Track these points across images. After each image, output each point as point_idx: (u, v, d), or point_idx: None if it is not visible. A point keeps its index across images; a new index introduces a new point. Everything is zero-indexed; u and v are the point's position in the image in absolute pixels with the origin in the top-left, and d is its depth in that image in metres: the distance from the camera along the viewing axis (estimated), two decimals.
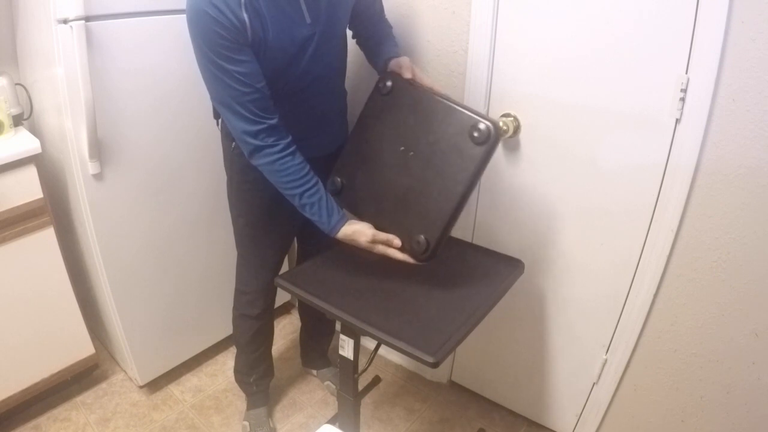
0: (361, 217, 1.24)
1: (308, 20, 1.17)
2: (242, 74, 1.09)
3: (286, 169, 1.16)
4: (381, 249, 1.19)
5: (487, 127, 1.09)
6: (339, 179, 1.29)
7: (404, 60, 1.26)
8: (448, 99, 1.18)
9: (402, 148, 1.20)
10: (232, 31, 1.05)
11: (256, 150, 1.16)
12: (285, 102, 1.21)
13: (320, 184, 1.20)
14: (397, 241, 1.18)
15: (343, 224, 1.20)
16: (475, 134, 1.10)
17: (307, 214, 1.20)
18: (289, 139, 1.17)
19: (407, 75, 1.23)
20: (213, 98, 1.18)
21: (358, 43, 1.41)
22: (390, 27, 1.39)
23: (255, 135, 1.14)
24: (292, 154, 1.17)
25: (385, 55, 1.31)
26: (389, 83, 1.24)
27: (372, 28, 1.37)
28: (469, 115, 1.12)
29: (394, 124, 1.22)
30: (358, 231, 1.19)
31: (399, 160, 1.20)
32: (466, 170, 1.11)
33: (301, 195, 1.17)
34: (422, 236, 1.14)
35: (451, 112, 1.15)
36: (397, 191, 1.19)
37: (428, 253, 1.14)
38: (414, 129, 1.19)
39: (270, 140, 1.14)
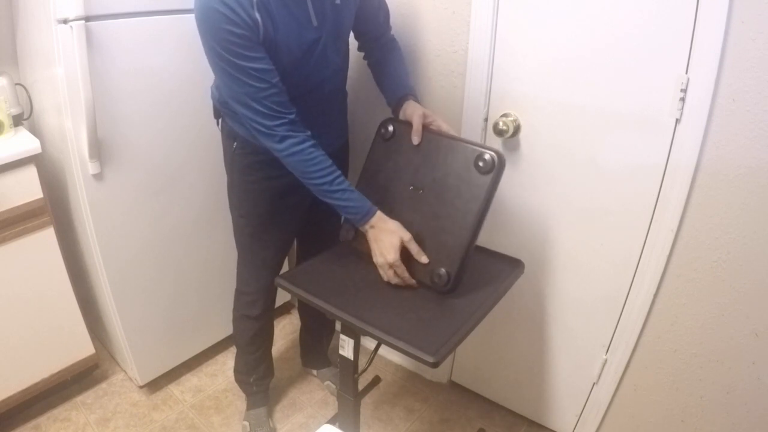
0: None
1: (315, 23, 1.17)
2: (257, 70, 1.09)
3: (314, 158, 1.16)
4: (398, 265, 1.18)
5: (492, 156, 1.12)
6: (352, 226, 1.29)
7: (417, 110, 1.24)
8: (450, 136, 1.20)
9: (411, 187, 1.23)
10: (245, 29, 1.05)
11: (283, 140, 1.15)
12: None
13: None
14: (424, 258, 1.18)
15: (376, 210, 1.20)
16: (480, 164, 1.13)
17: (339, 201, 1.19)
18: (309, 132, 1.18)
19: (420, 122, 1.21)
20: (229, 97, 1.17)
21: (366, 61, 1.41)
22: (399, 49, 1.39)
23: (275, 129, 1.14)
24: (315, 146, 1.17)
25: (399, 91, 1.31)
26: (390, 128, 1.27)
27: (379, 47, 1.37)
28: (473, 148, 1.16)
29: (400, 166, 1.25)
30: (398, 231, 1.17)
31: (409, 200, 1.22)
32: (476, 200, 1.14)
33: (332, 182, 1.17)
34: (443, 269, 1.15)
35: (454, 147, 1.18)
36: (411, 229, 1.20)
37: (450, 285, 1.16)
38: (420, 168, 1.22)
39: (292, 132, 1.15)
